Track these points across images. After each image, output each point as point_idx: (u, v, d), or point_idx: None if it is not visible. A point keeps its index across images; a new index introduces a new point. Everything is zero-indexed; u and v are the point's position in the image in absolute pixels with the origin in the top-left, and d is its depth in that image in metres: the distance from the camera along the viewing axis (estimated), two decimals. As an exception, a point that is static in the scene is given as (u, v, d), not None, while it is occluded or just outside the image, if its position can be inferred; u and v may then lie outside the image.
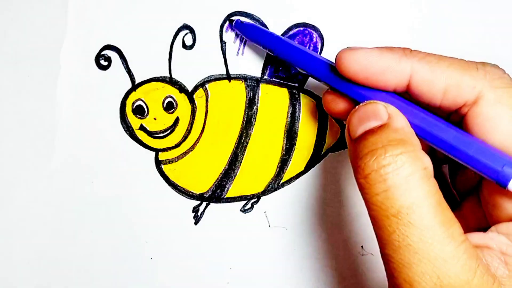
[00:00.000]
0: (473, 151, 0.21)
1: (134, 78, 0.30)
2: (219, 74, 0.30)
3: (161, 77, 0.30)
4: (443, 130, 0.21)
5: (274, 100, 0.31)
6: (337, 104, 0.26)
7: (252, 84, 0.30)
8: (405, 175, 0.19)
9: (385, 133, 0.20)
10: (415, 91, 0.22)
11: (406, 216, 0.19)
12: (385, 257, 0.20)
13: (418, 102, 0.23)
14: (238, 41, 0.30)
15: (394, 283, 0.19)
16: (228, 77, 0.30)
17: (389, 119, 0.21)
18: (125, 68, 0.30)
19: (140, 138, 0.31)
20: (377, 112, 0.21)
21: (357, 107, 0.22)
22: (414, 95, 0.23)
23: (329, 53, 0.30)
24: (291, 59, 0.26)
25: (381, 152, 0.20)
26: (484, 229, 0.22)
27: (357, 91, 0.24)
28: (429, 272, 0.18)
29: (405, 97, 0.23)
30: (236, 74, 0.30)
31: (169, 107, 0.30)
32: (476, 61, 0.22)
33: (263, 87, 0.30)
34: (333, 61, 0.24)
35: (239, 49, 0.30)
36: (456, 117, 0.23)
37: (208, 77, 0.30)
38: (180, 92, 0.30)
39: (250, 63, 0.30)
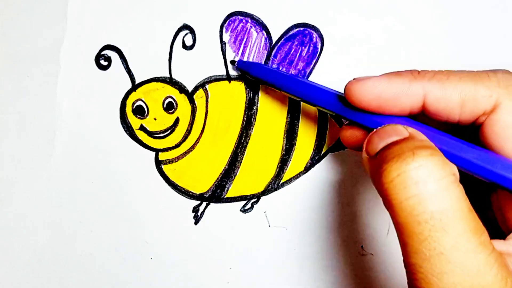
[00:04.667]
0: (499, 168, 0.21)
1: (134, 78, 0.30)
2: (219, 75, 0.30)
3: (161, 77, 0.30)
4: (465, 150, 0.21)
5: (274, 100, 0.31)
6: (357, 137, 0.25)
7: (252, 85, 0.30)
8: (437, 178, 0.18)
9: (411, 142, 0.20)
10: (431, 110, 0.22)
11: (440, 222, 0.18)
12: (412, 267, 0.19)
13: (436, 121, 0.23)
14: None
15: None
16: (228, 77, 0.30)
17: (411, 135, 0.21)
18: (125, 68, 0.30)
19: (140, 138, 0.31)
20: (398, 130, 0.21)
21: (375, 130, 0.22)
22: (430, 114, 0.22)
23: (329, 53, 0.30)
24: (299, 95, 0.26)
25: (409, 154, 0.19)
26: (494, 236, 0.22)
27: (372, 120, 0.23)
28: (461, 282, 0.18)
29: (421, 119, 0.23)
30: (236, 75, 0.30)
31: (169, 107, 0.30)
32: (485, 70, 0.22)
33: (263, 88, 0.30)
34: (342, 92, 0.24)
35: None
36: (471, 128, 0.23)
37: (208, 77, 0.30)
38: (180, 92, 0.30)
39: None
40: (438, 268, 0.18)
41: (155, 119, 0.30)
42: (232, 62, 0.29)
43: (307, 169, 0.31)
